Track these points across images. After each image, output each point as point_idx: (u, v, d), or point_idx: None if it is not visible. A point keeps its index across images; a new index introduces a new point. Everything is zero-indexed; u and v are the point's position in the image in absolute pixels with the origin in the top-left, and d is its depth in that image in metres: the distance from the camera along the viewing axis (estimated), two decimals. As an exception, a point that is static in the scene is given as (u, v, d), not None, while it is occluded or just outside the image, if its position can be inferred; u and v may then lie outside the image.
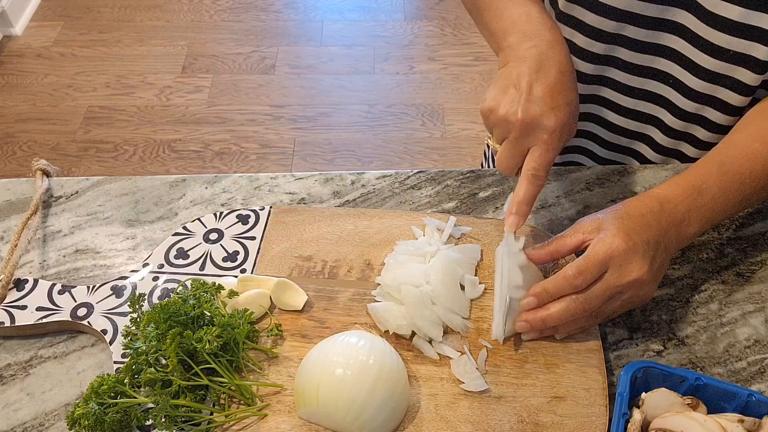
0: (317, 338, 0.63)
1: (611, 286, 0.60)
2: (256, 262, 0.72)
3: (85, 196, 0.81)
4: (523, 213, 0.63)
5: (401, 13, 2.83)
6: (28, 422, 0.62)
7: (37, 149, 2.26)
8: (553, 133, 0.62)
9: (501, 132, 0.64)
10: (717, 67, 0.75)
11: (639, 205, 0.64)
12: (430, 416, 0.60)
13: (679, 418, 0.54)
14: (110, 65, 2.57)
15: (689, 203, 0.64)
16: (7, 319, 0.67)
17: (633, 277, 0.60)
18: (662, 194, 0.65)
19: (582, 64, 0.84)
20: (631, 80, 0.83)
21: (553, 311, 0.62)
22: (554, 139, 0.62)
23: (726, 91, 0.77)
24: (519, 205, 0.63)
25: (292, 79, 2.52)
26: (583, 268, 0.60)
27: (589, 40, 0.81)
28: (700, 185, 0.65)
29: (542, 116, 0.62)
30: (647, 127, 0.87)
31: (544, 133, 0.62)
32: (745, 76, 0.74)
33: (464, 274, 0.68)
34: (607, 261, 0.60)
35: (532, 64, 0.64)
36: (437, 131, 2.32)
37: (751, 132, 0.71)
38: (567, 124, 0.63)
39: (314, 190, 0.81)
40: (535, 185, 0.63)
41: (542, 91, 0.62)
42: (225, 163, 2.21)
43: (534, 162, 0.63)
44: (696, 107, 0.80)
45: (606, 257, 0.60)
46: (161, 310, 0.60)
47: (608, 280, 0.60)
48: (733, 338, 0.67)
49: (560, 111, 0.62)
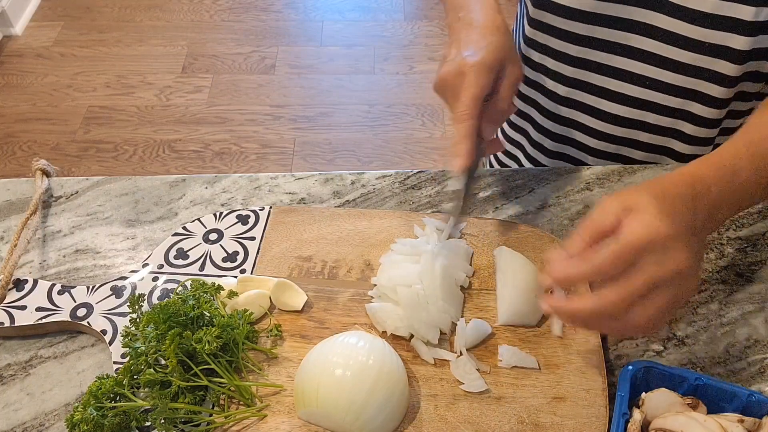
0: (317, 339, 0.63)
1: (650, 279, 0.51)
2: (255, 262, 0.72)
3: (85, 196, 0.81)
4: (462, 153, 0.64)
5: (401, 13, 2.83)
6: (28, 422, 0.62)
7: (37, 149, 2.26)
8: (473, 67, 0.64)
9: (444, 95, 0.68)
10: (695, 61, 0.75)
11: (673, 185, 0.56)
12: (430, 417, 0.59)
13: (679, 418, 0.54)
14: (110, 65, 2.57)
15: (722, 185, 0.57)
16: (6, 319, 0.67)
17: (676, 267, 0.51)
18: (694, 172, 0.57)
19: (561, 66, 0.84)
20: (609, 83, 0.83)
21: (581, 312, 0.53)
22: (474, 73, 0.64)
23: (708, 84, 0.77)
24: (456, 146, 0.64)
25: (292, 79, 2.52)
26: (619, 253, 0.51)
27: (563, 43, 0.81)
28: (733, 165, 0.58)
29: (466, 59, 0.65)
30: (632, 131, 0.86)
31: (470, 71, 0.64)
32: (725, 67, 0.74)
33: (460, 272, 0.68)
34: (647, 246, 0.51)
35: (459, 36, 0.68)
36: (437, 131, 2.32)
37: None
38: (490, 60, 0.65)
39: (314, 190, 0.81)
40: (462, 122, 0.64)
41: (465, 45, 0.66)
42: (225, 163, 2.21)
43: (459, 101, 0.64)
44: (680, 102, 0.80)
45: (647, 242, 0.50)
46: (161, 310, 0.60)
47: (647, 272, 0.51)
48: (733, 338, 0.67)
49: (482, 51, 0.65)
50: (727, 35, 0.71)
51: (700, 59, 0.75)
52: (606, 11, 0.76)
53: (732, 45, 0.71)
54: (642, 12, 0.74)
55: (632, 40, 0.77)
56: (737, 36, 0.70)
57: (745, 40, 0.70)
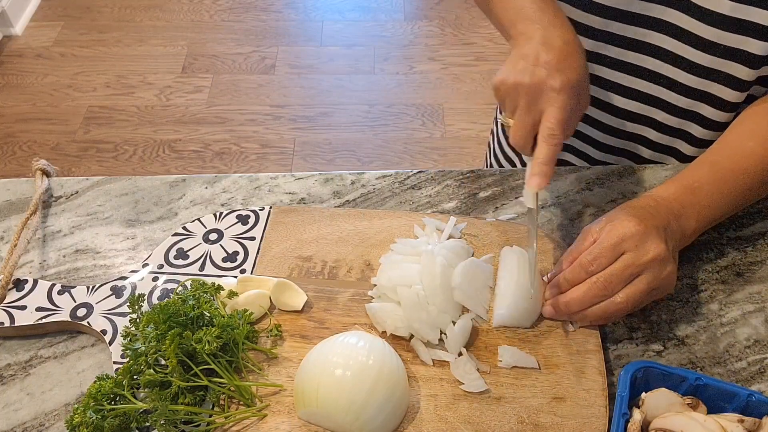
0: (317, 339, 0.63)
1: (630, 266, 0.61)
2: (255, 262, 0.72)
3: (85, 196, 0.81)
4: (545, 173, 0.63)
5: (401, 13, 2.83)
6: (28, 422, 0.62)
7: (37, 149, 2.26)
8: (561, 91, 0.63)
9: (512, 101, 0.66)
10: (709, 63, 0.75)
11: (638, 202, 0.67)
12: (430, 417, 0.59)
13: (679, 418, 0.54)
14: (110, 65, 2.57)
15: (683, 200, 0.67)
16: (6, 319, 0.67)
17: (651, 256, 0.61)
18: (657, 194, 0.68)
19: None
20: (622, 78, 0.83)
21: (574, 295, 0.63)
22: (563, 97, 0.63)
23: (720, 87, 0.77)
24: (540, 165, 0.63)
25: (292, 79, 2.52)
26: (597, 254, 0.62)
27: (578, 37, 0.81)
28: (692, 184, 0.68)
29: (549, 77, 0.63)
30: (641, 127, 0.87)
31: (553, 92, 0.63)
32: (739, 71, 0.74)
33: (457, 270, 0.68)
34: (621, 243, 0.62)
35: (538, 39, 0.66)
36: (437, 131, 2.32)
37: (745, 130, 0.72)
38: (575, 84, 0.64)
39: (314, 190, 0.81)
40: (553, 144, 0.63)
41: (548, 57, 0.64)
42: (225, 163, 2.21)
43: (548, 122, 0.63)
44: (690, 103, 0.80)
45: (619, 240, 0.62)
46: (161, 310, 0.60)
47: (626, 260, 0.61)
48: (733, 338, 0.67)
49: (566, 72, 0.64)
50: (744, 39, 0.71)
51: (715, 61, 0.75)
52: (628, 7, 0.75)
53: (748, 49, 0.71)
54: (662, 9, 0.74)
55: (649, 36, 0.77)
56: (753, 40, 0.70)
57: (762, 44, 0.70)
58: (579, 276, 0.63)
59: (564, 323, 0.66)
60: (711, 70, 0.76)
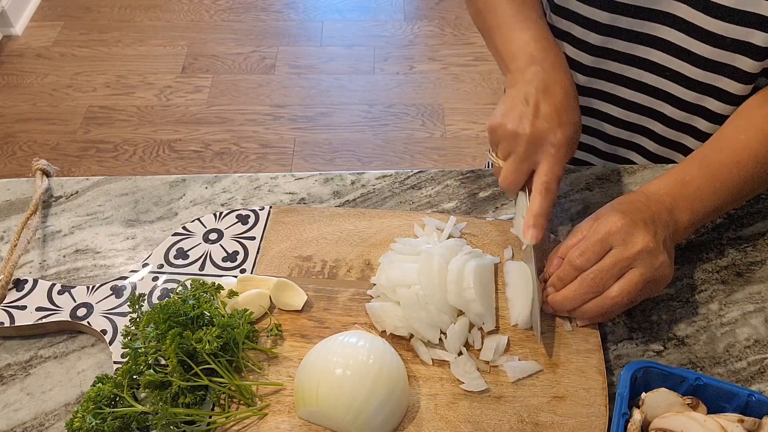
0: (317, 338, 0.63)
1: (619, 260, 0.61)
2: (255, 262, 0.72)
3: (85, 196, 0.81)
4: (540, 225, 0.65)
5: (401, 13, 2.83)
6: (28, 422, 0.62)
7: (37, 149, 2.26)
8: (560, 147, 0.65)
9: (507, 146, 0.67)
10: (715, 56, 0.75)
11: (628, 198, 0.67)
12: (430, 416, 0.60)
13: (679, 418, 0.54)
14: (110, 65, 2.57)
15: (674, 193, 0.66)
16: (6, 319, 0.67)
17: (639, 247, 0.61)
18: (647, 189, 0.68)
19: (581, 55, 0.84)
20: (629, 72, 0.83)
21: (566, 293, 0.64)
22: (561, 153, 0.66)
23: (726, 80, 0.77)
24: (536, 218, 0.65)
25: (292, 79, 2.51)
26: (584, 250, 0.63)
27: (585, 31, 0.81)
28: (683, 178, 0.68)
29: (549, 132, 0.65)
30: (648, 120, 0.87)
31: (552, 148, 0.65)
32: (745, 63, 0.74)
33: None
34: (607, 238, 0.62)
35: (538, 85, 0.68)
36: (437, 131, 2.32)
37: (737, 125, 0.72)
38: (572, 141, 0.67)
39: (314, 190, 0.81)
40: (548, 198, 0.65)
41: (549, 109, 0.66)
42: (225, 163, 2.21)
43: (545, 175, 0.65)
44: (696, 97, 0.81)
45: (606, 235, 0.62)
46: (161, 310, 0.60)
47: (614, 254, 0.61)
48: (733, 338, 0.67)
49: (566, 128, 0.66)
50: (749, 31, 0.71)
51: (721, 54, 0.75)
52: (635, 1, 0.76)
53: (753, 41, 0.72)
54: (668, 2, 0.74)
55: (656, 30, 0.77)
56: (758, 32, 0.71)
57: (766, 36, 0.71)
58: (569, 274, 0.63)
59: (562, 322, 0.66)
60: (717, 63, 0.76)
